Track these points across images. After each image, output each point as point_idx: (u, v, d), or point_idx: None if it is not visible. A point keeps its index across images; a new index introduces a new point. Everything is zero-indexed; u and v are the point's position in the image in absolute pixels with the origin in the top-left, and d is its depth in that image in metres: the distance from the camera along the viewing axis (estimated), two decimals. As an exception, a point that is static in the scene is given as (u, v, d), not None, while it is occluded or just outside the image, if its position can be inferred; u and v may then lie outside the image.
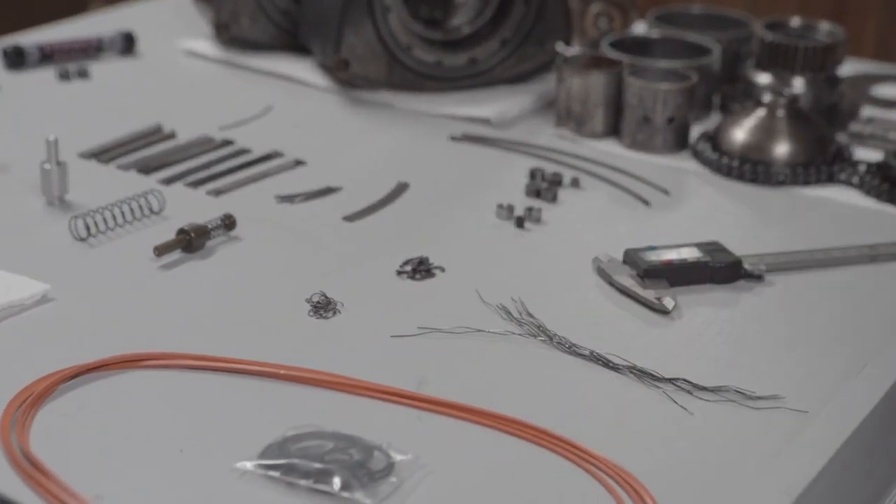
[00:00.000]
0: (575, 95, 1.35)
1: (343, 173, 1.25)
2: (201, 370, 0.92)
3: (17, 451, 0.82)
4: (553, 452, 0.85)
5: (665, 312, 1.02)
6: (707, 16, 1.54)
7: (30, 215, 1.14)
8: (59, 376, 0.89)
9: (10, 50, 1.45)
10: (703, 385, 0.92)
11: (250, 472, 0.82)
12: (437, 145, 1.34)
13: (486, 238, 1.15)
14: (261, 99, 1.42)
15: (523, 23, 1.45)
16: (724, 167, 1.28)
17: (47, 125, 1.28)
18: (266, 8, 1.49)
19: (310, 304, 1.01)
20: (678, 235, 1.15)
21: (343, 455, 0.83)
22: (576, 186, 1.25)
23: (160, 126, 1.33)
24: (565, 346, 0.97)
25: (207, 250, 1.09)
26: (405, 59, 1.41)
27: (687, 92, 1.31)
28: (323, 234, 1.14)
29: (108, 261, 1.07)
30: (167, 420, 0.87)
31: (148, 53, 1.54)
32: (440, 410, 0.89)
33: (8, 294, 0.98)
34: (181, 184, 1.21)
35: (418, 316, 1.00)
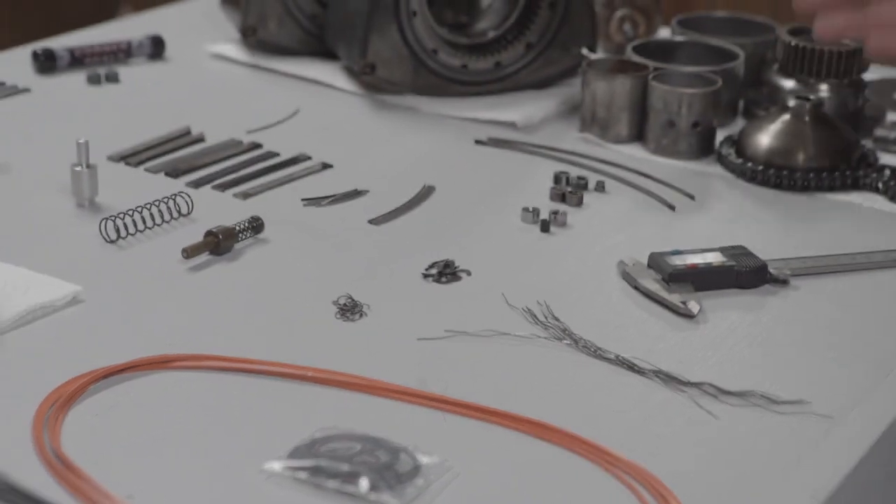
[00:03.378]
0: (600, 100, 1.35)
1: (369, 176, 1.26)
2: (230, 371, 0.93)
3: (49, 451, 0.83)
4: (579, 456, 0.86)
5: (690, 316, 1.03)
6: (731, 20, 1.54)
7: (60, 217, 1.15)
8: (90, 377, 0.90)
9: (41, 53, 1.47)
10: (728, 389, 0.93)
11: (278, 473, 0.83)
12: (463, 149, 1.34)
13: (512, 241, 1.16)
14: (288, 102, 1.43)
15: (548, 27, 1.45)
16: (749, 172, 1.28)
17: (77, 128, 1.30)
18: (293, 12, 1.50)
19: (337, 307, 1.02)
20: (703, 240, 1.15)
21: (370, 457, 0.83)
22: (601, 190, 1.25)
23: (189, 129, 1.34)
24: (591, 350, 0.98)
25: (235, 253, 1.10)
26: (431, 63, 1.42)
27: (712, 96, 1.32)
28: (349, 237, 1.15)
29: (137, 263, 1.08)
30: (196, 421, 0.88)
31: (176, 57, 1.55)
32: (466, 413, 0.90)
33: (39, 295, 1.00)
34: (209, 187, 1.22)
35: (444, 319, 1.01)
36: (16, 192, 1.20)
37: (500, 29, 1.46)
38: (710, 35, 1.47)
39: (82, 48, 1.49)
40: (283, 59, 1.52)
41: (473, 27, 1.48)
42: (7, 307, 0.98)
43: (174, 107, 1.41)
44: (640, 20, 1.56)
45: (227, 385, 0.92)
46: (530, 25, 1.45)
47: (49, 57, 1.47)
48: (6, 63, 1.50)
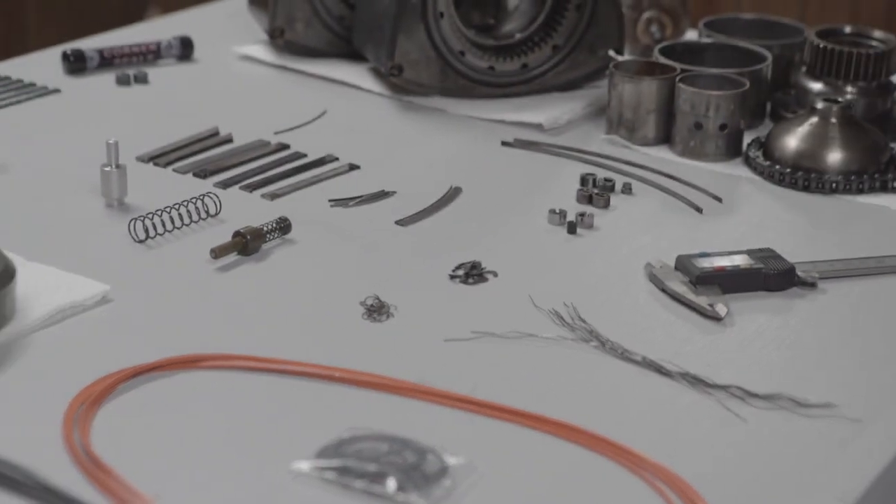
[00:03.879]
0: (627, 102, 1.35)
1: (396, 178, 1.26)
2: (257, 371, 0.94)
3: (79, 450, 0.83)
4: (606, 458, 0.86)
5: (717, 319, 1.03)
6: (759, 22, 1.54)
7: (90, 217, 1.16)
8: (119, 376, 0.91)
9: (71, 54, 1.48)
10: (756, 392, 0.92)
11: (306, 473, 0.83)
12: (490, 150, 1.35)
13: (539, 243, 1.16)
14: (315, 104, 1.43)
15: (575, 29, 1.45)
16: (777, 174, 1.28)
17: (106, 129, 1.31)
18: (320, 14, 1.51)
19: (364, 308, 1.02)
20: (730, 242, 1.15)
21: (397, 457, 0.84)
22: (627, 193, 1.25)
23: (217, 130, 1.35)
24: (617, 352, 0.98)
25: (263, 253, 1.11)
26: (458, 65, 1.42)
27: (739, 99, 1.32)
28: (376, 238, 1.15)
29: (165, 262, 1.09)
30: (224, 420, 0.89)
31: (205, 58, 1.56)
32: (493, 414, 0.90)
33: (69, 294, 1.00)
34: (237, 187, 1.23)
35: (471, 320, 1.01)
36: (46, 192, 1.21)
37: (527, 31, 1.46)
38: (738, 37, 1.47)
39: (112, 49, 1.50)
40: (311, 61, 1.52)
41: (500, 29, 1.49)
42: (37, 306, 0.98)
43: (202, 108, 1.41)
44: (668, 22, 1.55)
45: (255, 385, 0.93)
46: (557, 27, 1.45)
47: (79, 58, 1.48)
48: (37, 64, 1.51)
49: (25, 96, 1.41)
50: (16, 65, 1.51)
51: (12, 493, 0.80)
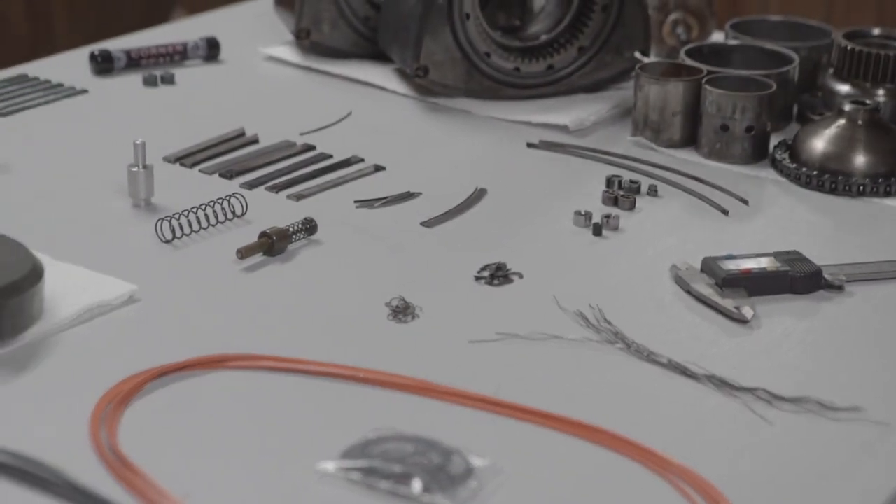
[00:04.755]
0: (653, 104, 1.35)
1: (422, 179, 1.26)
2: (283, 372, 0.94)
3: (106, 449, 0.84)
4: (631, 460, 0.86)
5: (744, 322, 1.02)
6: (785, 24, 1.53)
7: (117, 217, 1.17)
8: (146, 375, 0.91)
9: (99, 55, 1.49)
10: (782, 395, 0.92)
11: (331, 473, 0.83)
12: (515, 152, 1.35)
13: (564, 245, 1.16)
14: (341, 105, 1.43)
15: (601, 31, 1.45)
16: (804, 177, 1.27)
17: (133, 129, 1.31)
18: (346, 15, 1.51)
19: (389, 309, 1.02)
20: (757, 245, 1.15)
21: (423, 458, 0.84)
22: (653, 194, 1.25)
23: (243, 131, 1.35)
24: (643, 354, 0.97)
25: (289, 254, 1.11)
26: (483, 66, 1.42)
27: (766, 101, 1.31)
28: (402, 239, 1.15)
29: (192, 263, 1.09)
30: (250, 420, 0.89)
31: (231, 59, 1.56)
32: (518, 416, 0.90)
33: (96, 294, 1.01)
34: (263, 188, 1.23)
35: (496, 321, 1.01)
36: (73, 192, 1.21)
37: (553, 32, 1.46)
38: (765, 39, 1.46)
39: (139, 50, 1.50)
40: (337, 62, 1.53)
41: (526, 30, 1.49)
42: (64, 306, 0.99)
43: (229, 108, 1.42)
44: (694, 24, 1.55)
45: (281, 385, 0.93)
46: (583, 29, 1.45)
47: (106, 59, 1.49)
48: (64, 64, 1.52)
49: (53, 97, 1.42)
50: (44, 65, 1.52)
51: (40, 491, 0.80)
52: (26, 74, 1.47)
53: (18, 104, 1.39)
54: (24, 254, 0.98)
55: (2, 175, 1.24)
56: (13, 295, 0.93)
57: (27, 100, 1.40)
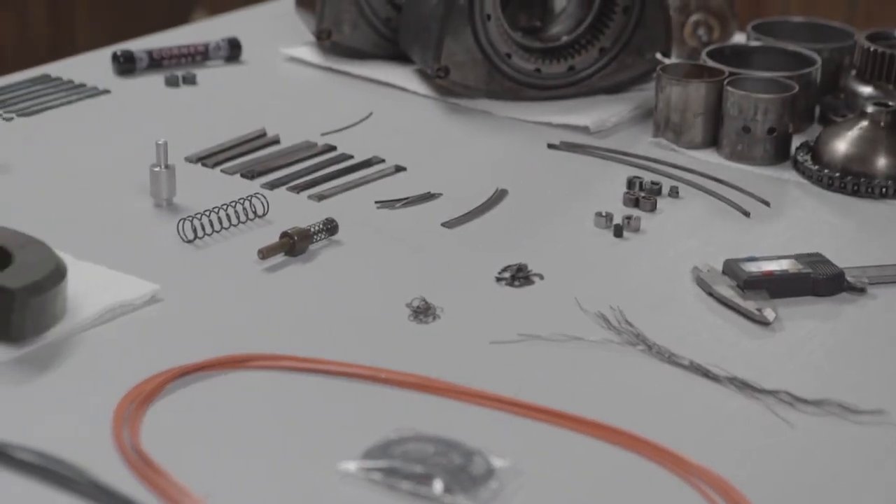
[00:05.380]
0: (674, 105, 1.35)
1: (443, 180, 1.26)
2: (304, 372, 0.94)
3: (128, 448, 0.84)
4: (653, 462, 0.86)
5: (766, 324, 1.02)
6: (808, 25, 1.53)
7: (139, 217, 1.17)
8: (168, 375, 0.92)
9: (121, 55, 1.49)
10: (804, 398, 0.92)
11: (353, 473, 0.83)
12: (536, 153, 1.35)
13: (585, 246, 1.15)
14: (362, 105, 1.44)
15: (622, 32, 1.45)
16: (826, 179, 1.27)
17: (155, 129, 1.32)
18: (367, 15, 1.52)
19: (410, 309, 1.02)
20: (779, 247, 1.14)
21: (444, 459, 0.84)
22: (674, 196, 1.25)
23: (264, 131, 1.35)
24: (664, 356, 0.97)
25: (310, 254, 1.11)
26: (504, 67, 1.42)
27: (788, 102, 1.31)
28: (423, 240, 1.15)
29: (213, 263, 1.10)
30: (271, 420, 0.89)
31: (252, 60, 1.56)
32: (538, 417, 0.90)
33: (118, 294, 1.01)
34: (284, 188, 1.24)
35: (517, 322, 1.01)
36: (96, 192, 1.22)
37: (574, 33, 1.46)
38: (787, 40, 1.46)
39: (161, 50, 1.51)
40: (357, 63, 1.53)
41: (547, 31, 1.49)
42: (87, 305, 0.99)
43: (250, 109, 1.42)
44: (715, 25, 1.55)
45: (302, 385, 0.93)
46: (604, 30, 1.45)
47: (128, 59, 1.49)
48: (87, 65, 1.53)
49: (76, 97, 1.43)
50: (66, 66, 1.53)
51: (63, 490, 0.81)
52: (49, 75, 1.48)
53: (41, 104, 1.40)
54: (47, 253, 0.98)
55: (24, 174, 1.25)
56: (36, 294, 0.93)
57: (50, 100, 1.41)
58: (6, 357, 0.93)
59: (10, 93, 1.42)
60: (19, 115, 1.37)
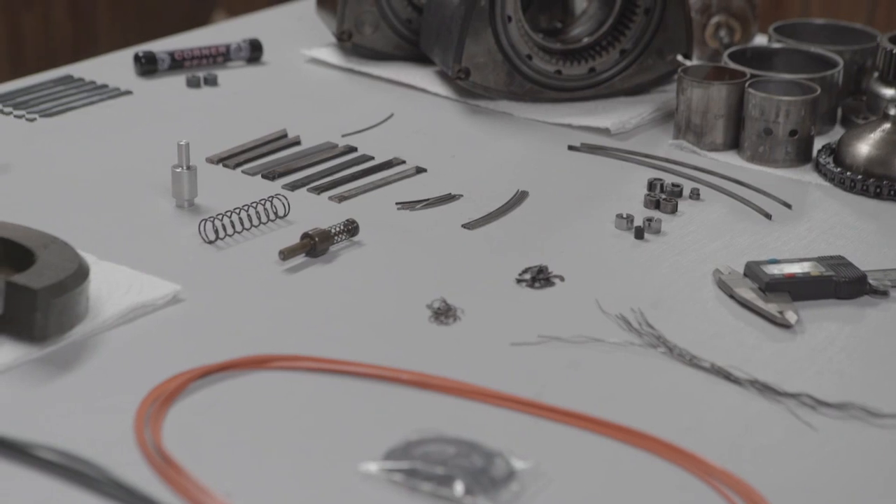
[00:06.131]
0: (695, 107, 1.34)
1: (463, 181, 1.26)
2: (325, 372, 0.94)
3: (150, 448, 0.84)
4: (673, 464, 0.86)
5: (787, 327, 1.02)
6: (829, 27, 1.52)
7: (161, 217, 1.17)
8: (190, 375, 0.92)
9: (143, 56, 1.50)
10: (827, 401, 0.92)
11: (374, 474, 0.83)
12: (556, 154, 1.34)
13: (606, 248, 1.15)
14: (382, 106, 1.44)
15: (643, 34, 1.45)
16: (848, 181, 1.27)
17: (176, 130, 1.32)
18: (388, 17, 1.52)
19: (430, 310, 1.03)
20: (800, 249, 1.14)
21: (465, 461, 0.84)
22: (695, 198, 1.24)
23: (285, 132, 1.36)
24: (686, 358, 0.97)
25: (330, 255, 1.11)
26: (525, 69, 1.42)
27: (810, 104, 1.30)
28: (443, 242, 1.15)
29: (235, 263, 1.10)
30: (293, 420, 0.90)
31: (273, 61, 1.57)
32: (559, 419, 0.90)
33: (140, 294, 1.01)
34: (305, 189, 1.24)
35: (538, 324, 1.01)
36: (118, 192, 1.22)
37: (595, 35, 1.45)
38: (808, 42, 1.46)
39: (182, 51, 1.51)
40: (378, 64, 1.53)
41: (568, 33, 1.48)
42: (109, 305, 1.00)
43: (271, 110, 1.43)
44: (736, 26, 1.54)
45: (323, 386, 0.93)
46: (625, 31, 1.45)
47: (150, 60, 1.50)
48: (109, 66, 1.53)
49: (98, 97, 1.43)
50: (88, 66, 1.53)
51: (86, 489, 0.81)
52: (71, 75, 1.49)
53: (64, 105, 1.40)
54: (70, 253, 0.99)
55: (47, 174, 1.26)
56: (59, 294, 0.94)
57: (73, 100, 1.42)
58: (29, 356, 0.94)
59: (34, 93, 1.43)
60: (42, 115, 1.38)
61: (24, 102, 1.40)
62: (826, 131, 1.39)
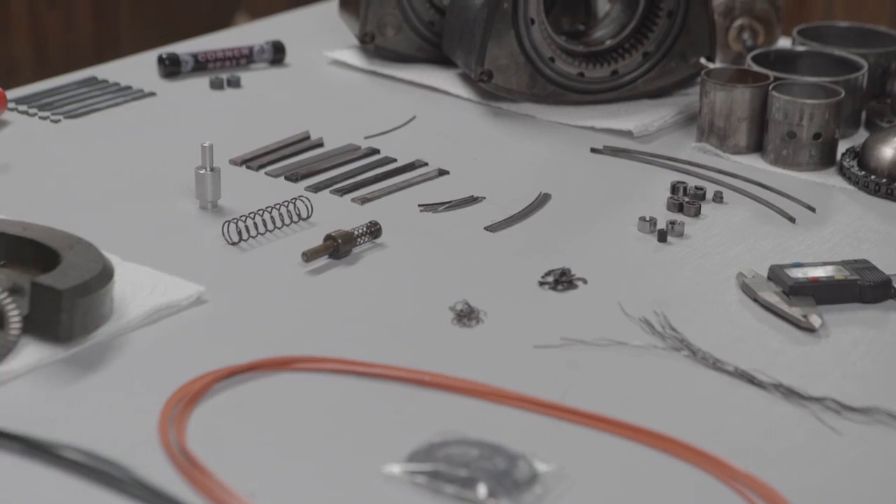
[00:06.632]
0: (718, 110, 1.34)
1: (485, 183, 1.26)
2: (349, 374, 0.94)
3: (174, 448, 0.85)
4: (697, 468, 0.85)
5: (812, 330, 1.01)
6: (854, 30, 1.52)
7: (184, 219, 1.18)
8: (214, 376, 0.92)
9: (167, 58, 1.50)
10: (851, 405, 0.91)
11: (397, 476, 0.83)
12: (579, 157, 1.34)
13: (629, 251, 1.15)
14: (405, 109, 1.44)
15: (666, 36, 1.45)
16: (872, 185, 1.26)
17: (200, 132, 1.32)
18: (411, 19, 1.52)
19: (453, 313, 1.03)
20: (824, 253, 1.14)
21: (488, 463, 0.84)
22: (719, 201, 1.24)
23: (308, 134, 1.36)
24: (709, 362, 0.97)
25: (353, 257, 1.12)
26: (547, 71, 1.42)
27: (834, 108, 1.30)
28: (466, 244, 1.15)
29: (258, 265, 1.10)
30: (316, 421, 0.90)
31: (296, 63, 1.57)
32: (582, 422, 0.90)
33: (164, 295, 1.02)
34: (328, 191, 1.24)
35: (560, 327, 1.01)
36: (142, 193, 1.23)
37: (618, 37, 1.45)
38: (832, 45, 1.45)
39: (206, 53, 1.52)
40: (401, 66, 1.53)
41: (591, 35, 1.48)
42: (133, 306, 1.00)
43: (294, 112, 1.43)
44: (760, 29, 1.54)
45: (347, 387, 0.93)
46: (648, 34, 1.45)
47: (174, 62, 1.50)
48: (133, 67, 1.54)
49: (122, 99, 1.44)
50: (112, 68, 1.54)
51: (110, 489, 0.82)
52: (96, 77, 1.49)
53: (88, 106, 1.41)
54: (94, 254, 0.99)
55: (71, 176, 1.26)
56: (84, 295, 0.94)
57: (97, 102, 1.42)
58: (54, 357, 0.94)
59: (58, 95, 1.43)
60: (67, 116, 1.39)
61: (49, 104, 1.41)
62: (850, 134, 1.39)
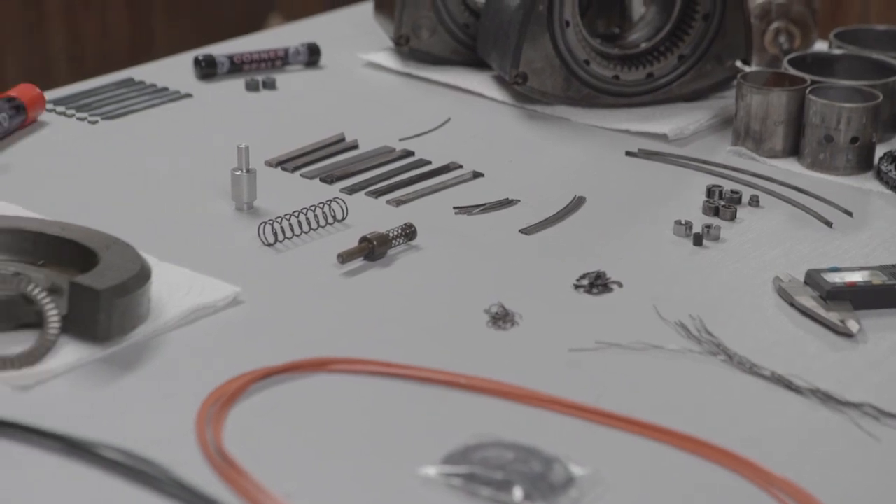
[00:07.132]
0: (754, 113, 1.33)
1: (520, 186, 1.26)
2: (385, 376, 0.95)
3: (211, 449, 0.85)
4: (734, 473, 0.85)
5: (849, 335, 1.01)
6: (891, 34, 1.51)
7: (221, 220, 1.18)
8: (251, 377, 0.93)
9: (203, 60, 1.51)
10: (890, 412, 0.91)
11: (433, 478, 0.83)
12: (614, 160, 1.34)
13: (664, 254, 1.15)
14: (439, 111, 1.44)
15: (702, 39, 1.44)
16: (910, 189, 1.25)
17: (236, 133, 1.33)
18: (446, 21, 1.52)
19: (488, 315, 1.03)
20: (861, 257, 1.13)
21: (524, 466, 0.84)
22: (755, 205, 1.23)
23: (343, 136, 1.36)
24: (745, 366, 0.96)
25: (388, 259, 1.12)
26: (582, 74, 1.42)
27: (872, 111, 1.29)
28: (501, 246, 1.15)
29: (294, 266, 1.11)
30: (352, 423, 0.90)
31: (331, 65, 1.58)
32: (617, 425, 0.90)
33: (201, 296, 1.02)
34: (363, 193, 1.24)
35: (595, 330, 1.01)
36: (179, 194, 1.23)
37: (653, 40, 1.45)
38: (870, 48, 1.44)
39: (241, 55, 1.52)
40: (436, 68, 1.53)
41: (626, 38, 1.48)
42: (170, 306, 1.01)
43: (329, 114, 1.43)
44: (796, 32, 1.53)
45: (383, 389, 0.94)
46: (684, 37, 1.44)
47: (210, 64, 1.51)
48: (170, 69, 1.55)
49: (159, 100, 1.45)
50: (149, 70, 1.55)
51: (147, 488, 0.82)
52: (132, 78, 1.50)
53: (126, 107, 1.42)
54: (132, 254, 1.00)
55: (109, 176, 1.27)
56: (122, 295, 0.95)
57: (134, 103, 1.43)
58: (92, 357, 0.95)
59: (96, 96, 1.45)
60: (104, 118, 1.40)
61: (87, 105, 1.42)
62: (888, 138, 1.38)
